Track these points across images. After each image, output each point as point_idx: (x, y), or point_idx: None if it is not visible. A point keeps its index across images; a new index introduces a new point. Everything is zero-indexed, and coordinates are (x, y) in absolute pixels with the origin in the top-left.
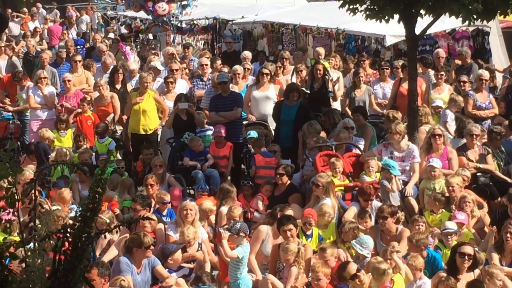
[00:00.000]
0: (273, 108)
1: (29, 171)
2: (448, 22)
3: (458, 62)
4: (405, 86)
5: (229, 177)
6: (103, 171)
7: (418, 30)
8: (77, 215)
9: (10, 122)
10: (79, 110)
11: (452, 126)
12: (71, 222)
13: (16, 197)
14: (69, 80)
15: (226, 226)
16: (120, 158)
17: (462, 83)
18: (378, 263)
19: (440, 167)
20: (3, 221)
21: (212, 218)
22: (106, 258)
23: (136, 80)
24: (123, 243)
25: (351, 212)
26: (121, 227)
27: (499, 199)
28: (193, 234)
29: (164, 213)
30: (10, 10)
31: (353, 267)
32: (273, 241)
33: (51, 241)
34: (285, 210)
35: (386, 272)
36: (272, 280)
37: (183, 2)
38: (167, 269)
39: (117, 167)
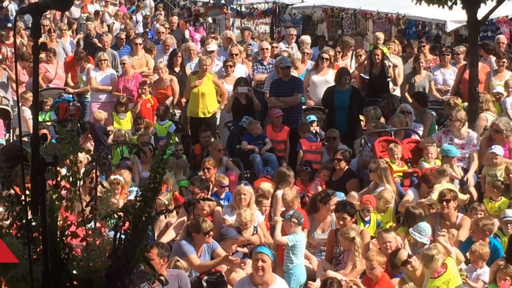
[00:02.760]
0: (324, 94)
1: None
2: (510, 7)
3: None
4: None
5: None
6: (164, 152)
7: (480, 15)
8: (138, 194)
9: (71, 104)
10: (143, 96)
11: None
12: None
13: (77, 176)
14: (127, 63)
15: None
16: (178, 141)
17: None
18: (426, 249)
19: (502, 154)
20: (65, 200)
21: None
22: (164, 240)
23: (195, 63)
24: (183, 227)
25: (408, 198)
26: (179, 209)
27: None
28: (250, 217)
29: (222, 196)
30: None
31: (404, 254)
32: (321, 226)
33: (111, 221)
34: (329, 200)
35: (434, 258)
36: (325, 266)
37: None
38: None
39: (175, 149)
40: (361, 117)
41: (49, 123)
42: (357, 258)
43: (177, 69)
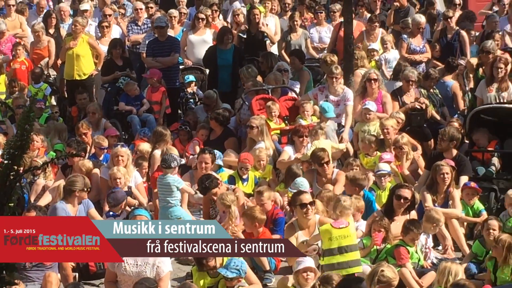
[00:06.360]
0: (206, 53)
1: None
2: None
3: (396, 4)
4: None
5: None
6: (31, 109)
7: None
8: (5, 152)
9: None
10: (17, 59)
11: (386, 70)
12: None
13: None
14: (0, 25)
15: None
16: (54, 103)
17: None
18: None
19: (375, 110)
20: None
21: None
22: (41, 203)
23: (68, 24)
24: (61, 187)
25: (286, 154)
26: (56, 173)
27: (432, 140)
28: (123, 173)
29: (101, 158)
30: None
31: (306, 197)
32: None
33: None
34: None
35: (346, 207)
36: None
37: None
38: (111, 213)
39: (51, 112)
40: None
41: None
42: (230, 227)
43: (51, 31)
